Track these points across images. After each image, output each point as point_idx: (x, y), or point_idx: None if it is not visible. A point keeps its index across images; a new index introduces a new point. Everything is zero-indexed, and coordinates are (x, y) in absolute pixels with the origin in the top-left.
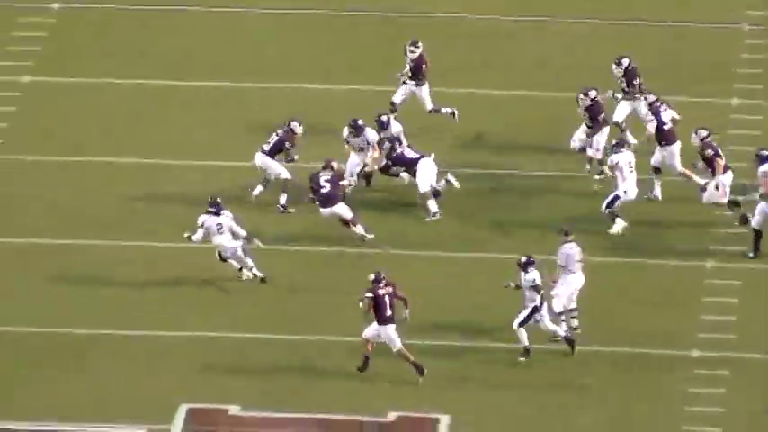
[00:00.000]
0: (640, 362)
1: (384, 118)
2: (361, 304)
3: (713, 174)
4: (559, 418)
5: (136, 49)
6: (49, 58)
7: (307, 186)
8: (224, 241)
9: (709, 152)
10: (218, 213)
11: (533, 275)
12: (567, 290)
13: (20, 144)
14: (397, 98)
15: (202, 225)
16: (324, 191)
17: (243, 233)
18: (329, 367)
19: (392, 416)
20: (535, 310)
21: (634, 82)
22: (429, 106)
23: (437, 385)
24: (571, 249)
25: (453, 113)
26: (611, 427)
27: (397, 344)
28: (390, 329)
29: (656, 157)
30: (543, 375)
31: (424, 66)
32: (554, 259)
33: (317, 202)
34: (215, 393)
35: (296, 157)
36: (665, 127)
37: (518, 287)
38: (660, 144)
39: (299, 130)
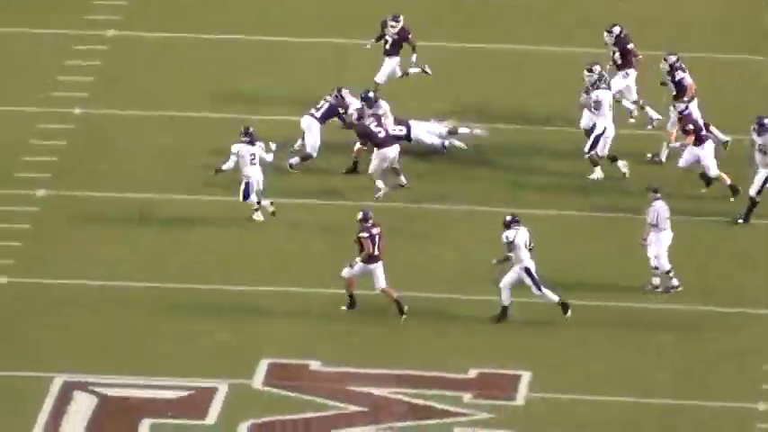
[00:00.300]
0: (718, 320)
1: (371, 94)
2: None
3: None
4: (637, 376)
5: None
6: (134, 12)
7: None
8: (253, 173)
9: (690, 127)
10: (251, 143)
11: (509, 234)
12: (663, 247)
13: (104, 97)
14: (381, 77)
15: (237, 153)
16: (381, 135)
17: (269, 157)
18: (410, 323)
19: (473, 372)
20: (528, 270)
21: (628, 47)
22: (398, 74)
23: (518, 342)
24: (660, 207)
25: (423, 69)
26: (688, 384)
27: (381, 283)
28: (379, 267)
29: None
30: (619, 333)
31: (410, 36)
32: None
33: (378, 147)
34: (296, 348)
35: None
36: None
37: (506, 259)
38: (675, 98)
39: (349, 97)
